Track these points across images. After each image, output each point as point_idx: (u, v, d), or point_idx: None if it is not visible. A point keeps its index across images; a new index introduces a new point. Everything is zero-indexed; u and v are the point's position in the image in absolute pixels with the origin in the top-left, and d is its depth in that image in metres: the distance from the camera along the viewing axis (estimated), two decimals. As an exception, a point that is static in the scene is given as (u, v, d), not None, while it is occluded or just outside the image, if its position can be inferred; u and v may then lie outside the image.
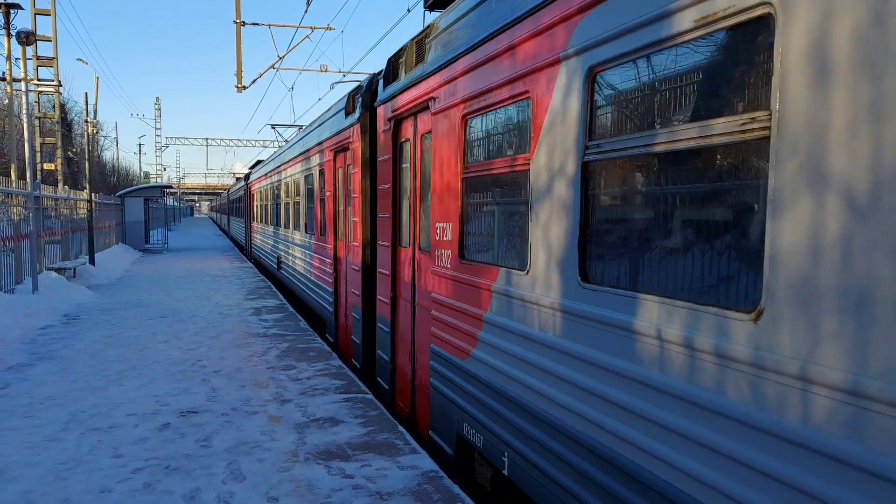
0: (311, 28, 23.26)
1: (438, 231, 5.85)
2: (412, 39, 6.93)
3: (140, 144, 79.75)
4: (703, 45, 2.92)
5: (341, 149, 9.97)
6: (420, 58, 6.59)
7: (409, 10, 17.21)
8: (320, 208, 11.86)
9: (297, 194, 14.89)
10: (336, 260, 10.52)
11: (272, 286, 17.78)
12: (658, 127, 3.18)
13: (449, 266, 5.61)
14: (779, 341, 2.43)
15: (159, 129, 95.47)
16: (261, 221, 23.70)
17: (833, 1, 2.25)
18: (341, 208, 10.18)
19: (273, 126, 26.11)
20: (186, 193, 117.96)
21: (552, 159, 3.96)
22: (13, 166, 23.23)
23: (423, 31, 6.60)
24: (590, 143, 3.62)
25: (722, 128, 2.72)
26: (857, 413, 2.16)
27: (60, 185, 27.35)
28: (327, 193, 11.12)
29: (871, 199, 2.13)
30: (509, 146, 4.66)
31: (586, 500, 3.60)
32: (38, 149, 27.34)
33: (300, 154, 14.16)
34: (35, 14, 26.54)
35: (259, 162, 28.47)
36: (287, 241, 16.46)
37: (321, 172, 11.72)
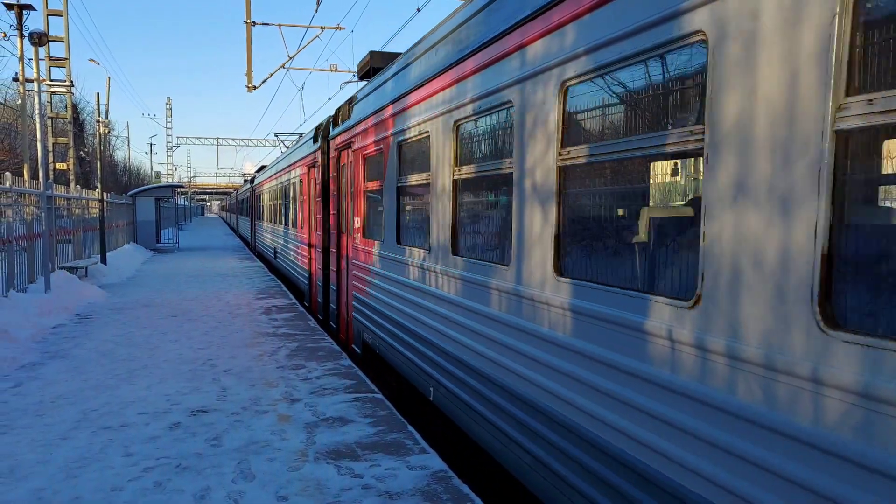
0: (322, 28, 23.31)
1: (355, 221, 9.79)
2: (346, 102, 10.81)
3: (151, 144, 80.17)
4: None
5: (311, 165, 13.77)
6: (347, 115, 10.49)
7: (418, 10, 17.19)
8: (299, 208, 15.96)
9: (286, 197, 19.11)
10: (309, 246, 14.53)
11: (282, 285, 17.83)
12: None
13: (358, 243, 9.59)
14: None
15: (170, 128, 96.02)
16: (261, 219, 28.21)
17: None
18: (311, 207, 14.01)
19: (276, 134, 29.05)
20: (197, 193, 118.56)
21: (385, 186, 8.11)
22: (26, 166, 23.41)
23: (350, 98, 10.45)
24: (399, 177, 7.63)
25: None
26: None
27: (72, 184, 27.55)
28: (303, 197, 15.12)
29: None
30: (377, 174, 8.54)
31: (408, 356, 7.17)
32: (50, 149, 27.54)
33: (288, 166, 18.31)
34: (47, 15, 26.75)
35: (262, 167, 32.19)
36: (280, 234, 20.79)
37: (300, 181, 15.63)
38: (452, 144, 5.88)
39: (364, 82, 10.83)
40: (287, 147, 21.00)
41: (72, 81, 27.79)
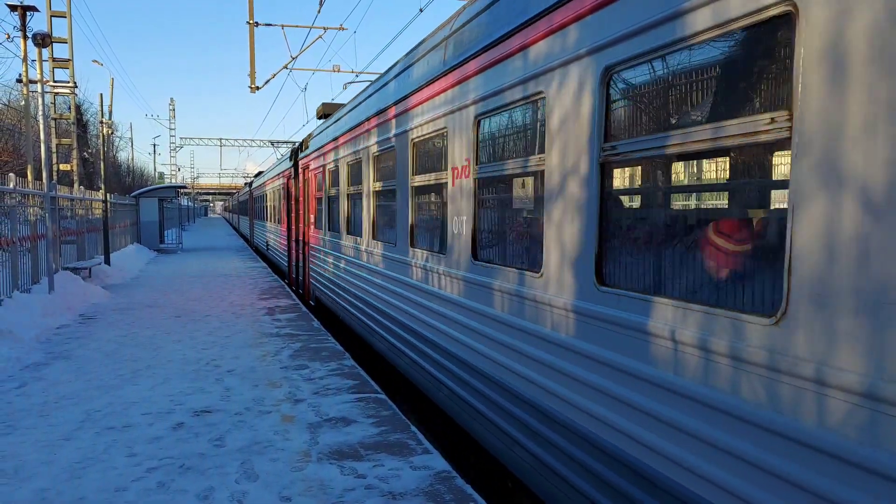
0: (324, 28, 23.33)
1: (311, 218, 14.54)
2: (308, 135, 15.34)
3: (155, 145, 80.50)
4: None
5: (288, 177, 18.99)
6: (306, 146, 15.26)
7: (421, 10, 17.19)
8: (281, 209, 21.38)
9: (272, 200, 25.32)
10: (287, 238, 19.32)
11: (285, 286, 17.85)
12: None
13: (312, 232, 14.11)
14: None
15: (174, 129, 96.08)
16: (256, 218, 34.63)
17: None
18: (288, 208, 18.99)
19: (272, 142, 35.64)
20: (201, 194, 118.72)
21: (322, 196, 13.38)
22: (29, 167, 23.45)
23: (311, 132, 14.90)
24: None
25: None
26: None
27: (76, 185, 27.58)
28: (283, 201, 20.56)
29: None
30: (318, 188, 13.27)
31: (341, 304, 11.05)
32: (54, 150, 27.60)
33: (273, 176, 24.46)
34: (51, 16, 26.79)
35: (260, 173, 37.09)
36: (269, 229, 26.99)
37: (281, 188, 21.44)
38: (352, 171, 10.60)
39: (321, 120, 14.92)
40: (281, 154, 26.33)
41: (75, 82, 27.83)
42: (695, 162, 3.57)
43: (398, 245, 7.76)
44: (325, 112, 14.74)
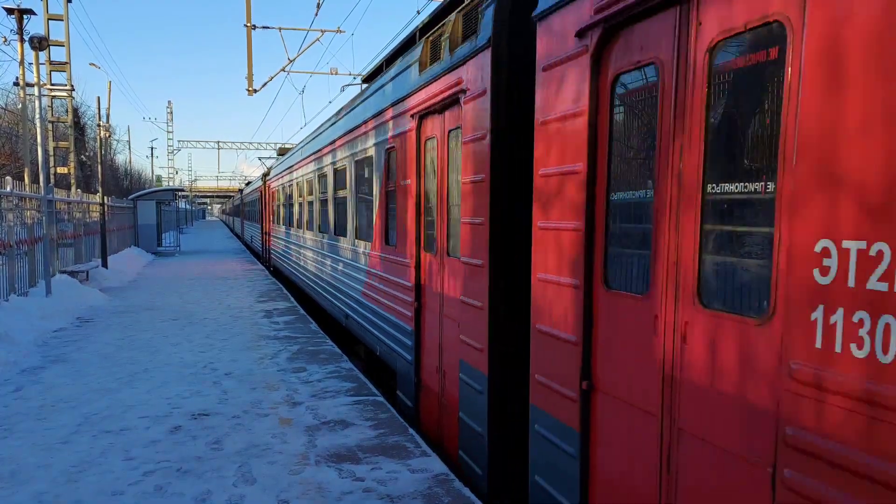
0: (322, 31, 23.33)
1: (270, 217, 24.30)
2: (274, 162, 26.94)
3: (152, 148, 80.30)
4: None
5: (262, 190, 27.30)
6: (268, 173, 25.84)
7: (418, 12, 17.22)
8: (260, 212, 28.35)
9: (253, 206, 34.04)
10: (261, 232, 27.29)
11: (283, 288, 17.84)
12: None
13: (271, 225, 23.73)
14: None
15: (171, 132, 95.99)
16: (245, 219, 41.96)
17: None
18: (264, 211, 26.34)
19: (260, 158, 42.25)
20: (198, 196, 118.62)
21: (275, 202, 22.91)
22: (27, 170, 23.41)
23: (273, 165, 26.07)
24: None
25: None
26: None
27: (73, 188, 27.55)
28: (260, 205, 28.18)
29: None
30: (272, 198, 23.77)
31: (285, 266, 19.20)
32: (51, 153, 27.57)
33: (254, 189, 33.19)
34: (48, 19, 26.77)
35: (248, 183, 44.17)
36: (253, 227, 34.66)
37: (258, 196, 29.30)
38: (288, 190, 18.42)
39: (280, 156, 24.38)
40: (268, 167, 31.47)
41: (72, 85, 27.81)
42: None
43: (310, 230, 14.28)
44: (281, 152, 26.93)
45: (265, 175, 26.51)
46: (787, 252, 2.32)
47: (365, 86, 9.68)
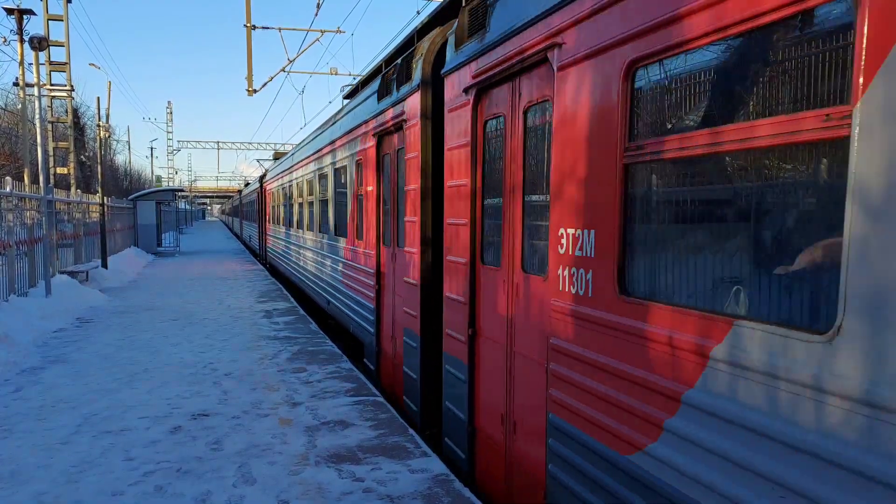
0: (322, 31, 23.34)
1: (267, 217, 25.88)
2: (267, 170, 28.62)
3: (152, 148, 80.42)
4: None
5: (258, 193, 29.70)
6: (265, 176, 27.85)
7: (418, 13, 17.23)
8: (257, 212, 30.52)
9: (252, 205, 35.47)
10: (258, 231, 29.69)
11: (283, 289, 17.85)
12: None
13: (269, 224, 24.81)
14: None
15: (171, 132, 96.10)
16: (244, 219, 43.87)
17: None
18: (261, 211, 28.37)
19: (258, 160, 43.06)
20: (198, 196, 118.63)
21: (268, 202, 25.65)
22: (26, 170, 23.42)
23: (266, 170, 28.39)
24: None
25: None
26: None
27: (73, 188, 27.55)
28: (258, 206, 30.48)
29: None
30: (268, 201, 25.87)
31: (282, 263, 20.29)
32: (51, 153, 27.57)
33: (252, 191, 35.65)
34: (48, 20, 26.77)
35: (247, 184, 45.51)
36: (252, 226, 36.10)
37: (256, 198, 31.75)
38: (282, 192, 20.04)
39: (275, 161, 26.69)
40: (266, 169, 32.61)
41: (72, 86, 27.81)
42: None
43: (300, 228, 15.98)
44: (276, 156, 29.14)
45: (262, 177, 28.74)
46: (552, 235, 3.92)
47: (346, 101, 11.30)
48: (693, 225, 3.02)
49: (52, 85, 27.16)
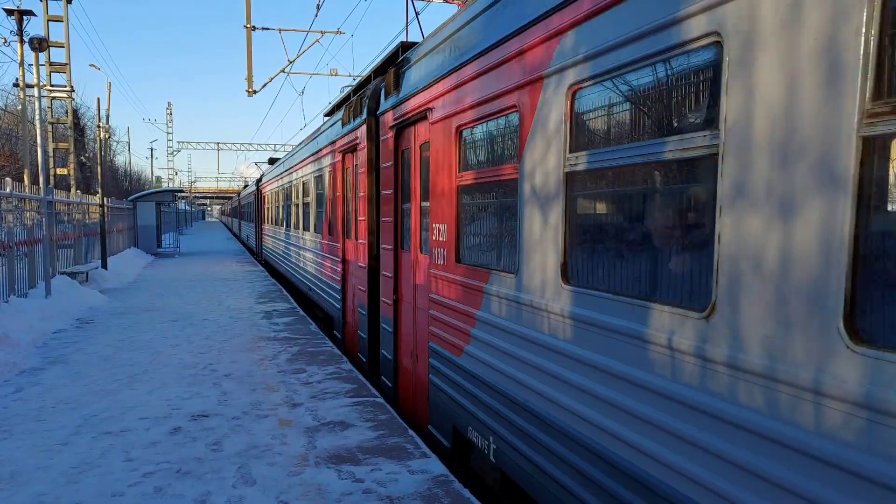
0: (322, 32, 23.36)
1: (264, 217, 27.24)
2: (264, 172, 30.84)
3: (152, 149, 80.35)
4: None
5: (256, 193, 31.03)
6: (261, 179, 30.38)
7: (417, 14, 17.23)
8: (255, 212, 32.26)
9: (249, 207, 37.75)
10: (255, 228, 31.61)
11: (283, 290, 17.84)
12: None
13: (266, 224, 25.84)
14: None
15: (171, 133, 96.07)
16: (243, 219, 46.36)
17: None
18: (258, 212, 30.44)
19: (256, 163, 45.96)
20: (198, 197, 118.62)
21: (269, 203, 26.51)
22: (26, 171, 23.43)
23: (262, 174, 31.23)
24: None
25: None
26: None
27: (73, 189, 27.56)
28: (254, 207, 32.55)
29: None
30: (265, 201, 27.46)
31: (279, 261, 21.24)
32: (51, 154, 27.57)
33: (249, 193, 38.37)
34: (48, 20, 26.77)
35: (246, 185, 49.20)
36: (249, 226, 38.44)
37: (253, 199, 33.15)
38: (277, 195, 21.60)
39: (270, 165, 29.34)
40: (263, 171, 35.30)
41: (72, 87, 27.82)
42: None
43: (288, 226, 18.27)
44: (271, 161, 31.44)
45: (258, 181, 31.39)
46: (431, 228, 5.86)
47: (325, 119, 13.19)
48: (483, 224, 5.25)
49: (52, 86, 27.17)
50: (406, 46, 8.01)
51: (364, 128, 8.58)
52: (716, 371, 2.67)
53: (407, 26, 13.26)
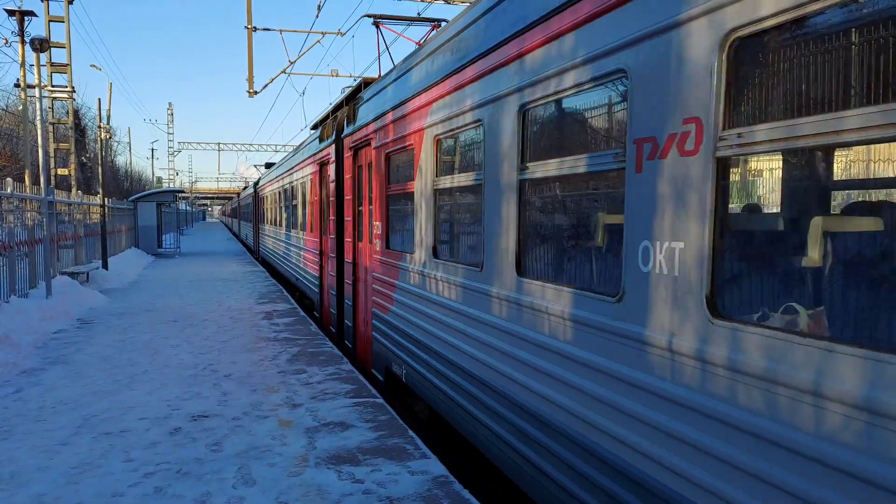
0: (322, 33, 23.33)
1: (266, 218, 27.22)
2: (260, 177, 35.00)
3: (153, 149, 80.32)
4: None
5: (254, 194, 33.62)
6: (257, 183, 33.85)
7: (418, 14, 17.24)
8: (252, 213, 35.87)
9: (246, 208, 42.30)
10: (253, 228, 34.51)
11: (283, 290, 17.84)
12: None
13: (265, 224, 27.26)
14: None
15: (172, 133, 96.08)
16: (242, 219, 49.24)
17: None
18: (255, 212, 33.36)
19: (255, 166, 50.89)
20: (199, 198, 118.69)
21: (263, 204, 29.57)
22: (27, 171, 23.44)
23: (259, 178, 34.63)
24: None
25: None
26: None
27: (74, 190, 27.56)
28: (251, 209, 35.93)
29: None
30: (262, 203, 29.82)
31: (272, 254, 24.31)
32: (51, 154, 27.58)
33: (248, 195, 41.45)
34: (49, 21, 26.78)
35: (245, 187, 50.94)
36: (247, 225, 41.30)
37: (251, 201, 36.12)
38: (274, 196, 23.19)
39: (268, 168, 32.35)
40: (261, 174, 38.08)
41: (73, 87, 27.82)
42: None
43: (279, 225, 20.77)
44: (267, 166, 34.02)
45: (256, 183, 34.72)
46: (374, 225, 8.30)
47: (311, 131, 15.15)
48: (400, 222, 7.47)
49: (53, 86, 27.17)
50: (367, 82, 10.09)
51: (333, 147, 11.09)
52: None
53: (379, 57, 13.78)
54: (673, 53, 2.99)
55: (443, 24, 12.60)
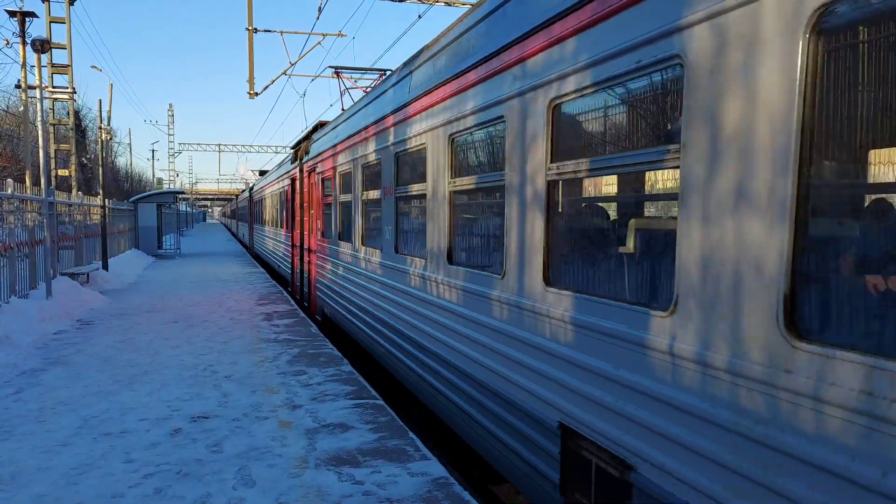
0: (323, 35, 23.37)
1: (262, 219, 30.32)
2: (254, 183, 39.29)
3: (153, 150, 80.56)
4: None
5: (249, 199, 39.99)
6: (252, 188, 38.50)
7: (419, 17, 17.29)
8: (247, 214, 41.00)
9: (243, 210, 48.12)
10: (248, 228, 39.46)
11: (283, 291, 17.86)
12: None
13: (262, 226, 30.31)
14: None
15: (172, 134, 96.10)
16: (240, 220, 51.91)
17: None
18: (251, 214, 37.82)
19: (252, 171, 56.36)
20: (199, 199, 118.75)
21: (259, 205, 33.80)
22: (28, 172, 23.46)
23: (253, 185, 39.08)
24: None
25: None
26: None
27: (74, 190, 27.58)
28: (247, 210, 41.67)
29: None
30: (258, 206, 33.49)
31: (261, 245, 30.79)
32: (52, 155, 27.58)
33: (245, 198, 46.53)
34: (50, 22, 26.81)
35: (244, 189, 53.47)
36: (244, 224, 44.68)
37: (246, 203, 43.27)
38: (267, 200, 27.22)
39: (261, 175, 36.31)
40: (258, 176, 40.94)
41: (74, 88, 27.84)
42: None
43: (277, 227, 22.58)
44: (261, 172, 38.38)
45: (251, 188, 38.92)
46: (321, 223, 13.34)
47: (290, 150, 19.89)
48: (330, 219, 12.18)
49: (53, 87, 27.18)
50: (322, 124, 14.03)
51: (298, 168, 15.89)
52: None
53: (342, 98, 17.87)
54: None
55: (387, 72, 16.02)
